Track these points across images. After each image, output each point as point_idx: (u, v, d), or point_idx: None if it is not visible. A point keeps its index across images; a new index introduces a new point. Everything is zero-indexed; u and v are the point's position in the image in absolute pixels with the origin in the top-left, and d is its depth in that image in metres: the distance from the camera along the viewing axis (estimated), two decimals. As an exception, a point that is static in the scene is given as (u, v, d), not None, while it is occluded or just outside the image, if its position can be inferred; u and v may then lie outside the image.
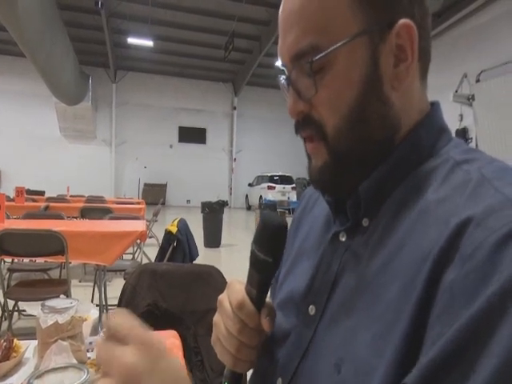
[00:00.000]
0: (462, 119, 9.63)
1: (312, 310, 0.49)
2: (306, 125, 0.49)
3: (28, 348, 1.02)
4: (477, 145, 8.90)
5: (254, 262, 0.50)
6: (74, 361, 0.70)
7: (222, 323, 0.52)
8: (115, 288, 3.52)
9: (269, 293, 0.54)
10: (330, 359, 0.43)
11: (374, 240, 0.45)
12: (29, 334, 1.06)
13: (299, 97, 0.48)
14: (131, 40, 13.47)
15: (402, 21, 0.44)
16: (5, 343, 0.95)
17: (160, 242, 4.02)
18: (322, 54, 0.44)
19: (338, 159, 0.48)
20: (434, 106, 0.51)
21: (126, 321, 0.36)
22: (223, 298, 0.53)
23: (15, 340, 0.99)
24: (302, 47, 0.46)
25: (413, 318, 0.36)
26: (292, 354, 0.50)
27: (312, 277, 0.52)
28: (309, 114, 0.48)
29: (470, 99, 9.18)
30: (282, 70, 0.53)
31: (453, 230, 0.36)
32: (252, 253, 0.50)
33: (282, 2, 0.49)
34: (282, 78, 0.53)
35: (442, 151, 0.46)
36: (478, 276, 0.32)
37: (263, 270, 0.50)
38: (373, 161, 0.47)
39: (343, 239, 0.50)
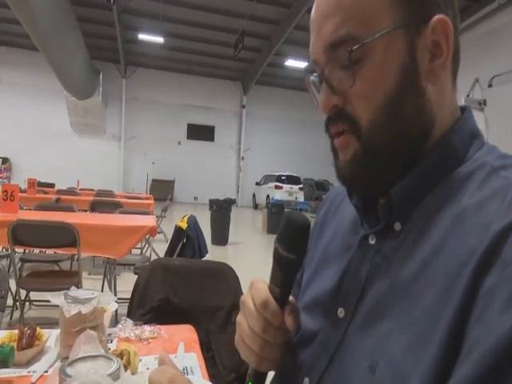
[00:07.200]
0: (473, 123, 9.52)
1: (341, 312, 0.49)
2: (339, 119, 0.49)
3: (49, 337, 1.03)
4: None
5: (278, 259, 0.49)
6: (102, 350, 0.70)
7: (246, 323, 0.52)
8: (124, 282, 3.55)
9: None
10: (362, 361, 0.43)
11: (407, 244, 0.44)
12: (40, 323, 1.07)
13: (333, 91, 0.48)
14: (142, 36, 13.49)
15: (438, 16, 0.44)
16: (28, 331, 0.96)
17: (168, 237, 4.04)
18: (360, 44, 0.44)
19: (370, 152, 0.47)
20: (467, 110, 0.51)
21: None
22: (246, 297, 0.53)
23: (38, 328, 1.00)
24: (340, 36, 0.45)
25: (451, 324, 0.35)
26: (320, 354, 0.50)
27: (340, 279, 0.52)
28: (342, 108, 0.48)
29: (481, 104, 9.09)
30: (310, 71, 0.53)
31: (494, 237, 0.35)
32: (275, 251, 0.49)
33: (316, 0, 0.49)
34: (313, 76, 0.53)
35: (476, 156, 0.46)
36: None
37: (286, 268, 0.49)
38: (406, 159, 0.47)
39: (372, 242, 0.49)
